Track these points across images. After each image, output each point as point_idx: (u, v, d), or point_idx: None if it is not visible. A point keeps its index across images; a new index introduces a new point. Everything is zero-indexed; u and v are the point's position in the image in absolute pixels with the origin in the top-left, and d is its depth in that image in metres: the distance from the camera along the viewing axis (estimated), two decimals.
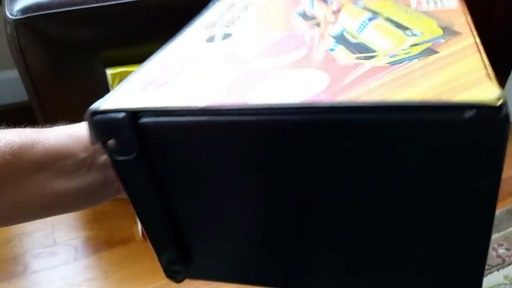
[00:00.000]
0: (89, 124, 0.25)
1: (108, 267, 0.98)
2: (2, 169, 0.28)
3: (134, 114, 0.24)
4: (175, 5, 0.85)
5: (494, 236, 1.02)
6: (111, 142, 0.25)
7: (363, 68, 0.24)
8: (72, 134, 0.31)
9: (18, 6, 0.80)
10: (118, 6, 0.84)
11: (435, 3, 0.34)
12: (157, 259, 0.32)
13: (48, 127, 0.32)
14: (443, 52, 0.25)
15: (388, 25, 0.31)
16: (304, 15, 0.35)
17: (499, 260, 0.98)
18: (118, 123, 0.24)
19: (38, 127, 0.31)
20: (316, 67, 0.26)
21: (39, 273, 0.96)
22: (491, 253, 0.99)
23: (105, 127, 0.25)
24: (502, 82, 1.36)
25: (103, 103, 0.25)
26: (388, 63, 0.25)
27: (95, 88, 0.87)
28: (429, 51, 0.26)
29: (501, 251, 0.99)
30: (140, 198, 0.29)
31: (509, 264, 0.97)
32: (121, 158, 0.26)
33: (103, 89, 0.28)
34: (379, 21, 0.31)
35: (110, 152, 0.26)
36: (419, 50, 0.26)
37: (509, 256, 0.98)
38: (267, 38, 0.31)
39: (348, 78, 0.24)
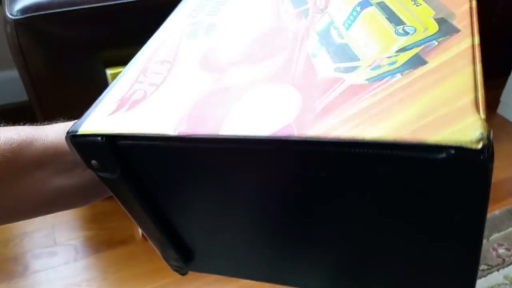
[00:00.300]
0: (69, 145, 0.26)
1: (108, 268, 0.98)
2: (2, 167, 0.28)
3: (111, 137, 0.24)
4: (176, 5, 0.85)
5: (494, 236, 1.03)
6: (93, 162, 0.26)
7: (341, 87, 0.23)
8: None
9: (18, 6, 0.80)
10: (118, 6, 0.84)
11: None
12: (159, 256, 0.34)
13: (46, 124, 0.32)
14: (432, 62, 0.23)
15: (380, 16, 0.28)
16: None
17: (499, 260, 0.98)
18: (96, 146, 0.24)
19: (37, 125, 0.32)
20: (293, 82, 0.24)
21: (39, 273, 0.96)
22: (491, 253, 0.99)
23: (85, 149, 0.25)
24: (502, 82, 1.36)
25: (81, 125, 0.25)
26: (368, 79, 0.23)
27: (95, 88, 0.86)
28: (417, 61, 0.23)
29: (501, 251, 0.99)
30: (131, 208, 0.29)
31: (509, 264, 0.97)
32: (106, 175, 0.26)
33: (103, 89, 0.28)
34: (372, 9, 0.28)
35: (95, 170, 0.26)
36: (406, 58, 0.24)
37: (509, 256, 0.98)
38: (250, 34, 0.30)
39: (322, 101, 0.22)
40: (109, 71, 0.86)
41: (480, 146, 0.18)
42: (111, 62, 0.87)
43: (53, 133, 0.31)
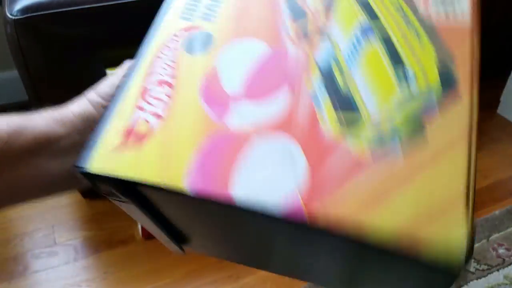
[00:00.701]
0: (79, 176, 0.26)
1: (108, 268, 0.98)
2: None
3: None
4: None
5: (494, 236, 1.03)
6: (103, 190, 0.27)
7: (345, 156, 0.25)
8: (59, 119, 0.32)
9: (18, 6, 0.80)
10: (118, 6, 0.84)
11: (445, 10, 0.30)
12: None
13: (35, 113, 0.32)
14: (432, 142, 0.25)
15: (382, 53, 0.28)
16: (293, 8, 0.31)
17: (499, 260, 0.98)
18: (105, 180, 0.25)
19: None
20: (296, 134, 0.26)
21: (39, 273, 0.96)
22: (491, 253, 0.99)
23: (94, 182, 0.26)
24: (502, 82, 1.36)
25: (88, 160, 0.25)
26: (370, 145, 0.25)
27: None
28: (417, 133, 0.25)
29: (501, 251, 1.00)
30: (138, 217, 0.31)
31: (509, 264, 0.97)
32: (116, 199, 0.27)
33: None
34: (373, 40, 0.29)
35: (105, 195, 0.27)
36: (406, 122, 0.25)
37: (509, 256, 0.98)
38: (249, 55, 0.29)
39: (327, 172, 0.24)
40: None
41: (461, 263, 0.21)
42: (111, 62, 0.87)
43: (42, 120, 0.31)
